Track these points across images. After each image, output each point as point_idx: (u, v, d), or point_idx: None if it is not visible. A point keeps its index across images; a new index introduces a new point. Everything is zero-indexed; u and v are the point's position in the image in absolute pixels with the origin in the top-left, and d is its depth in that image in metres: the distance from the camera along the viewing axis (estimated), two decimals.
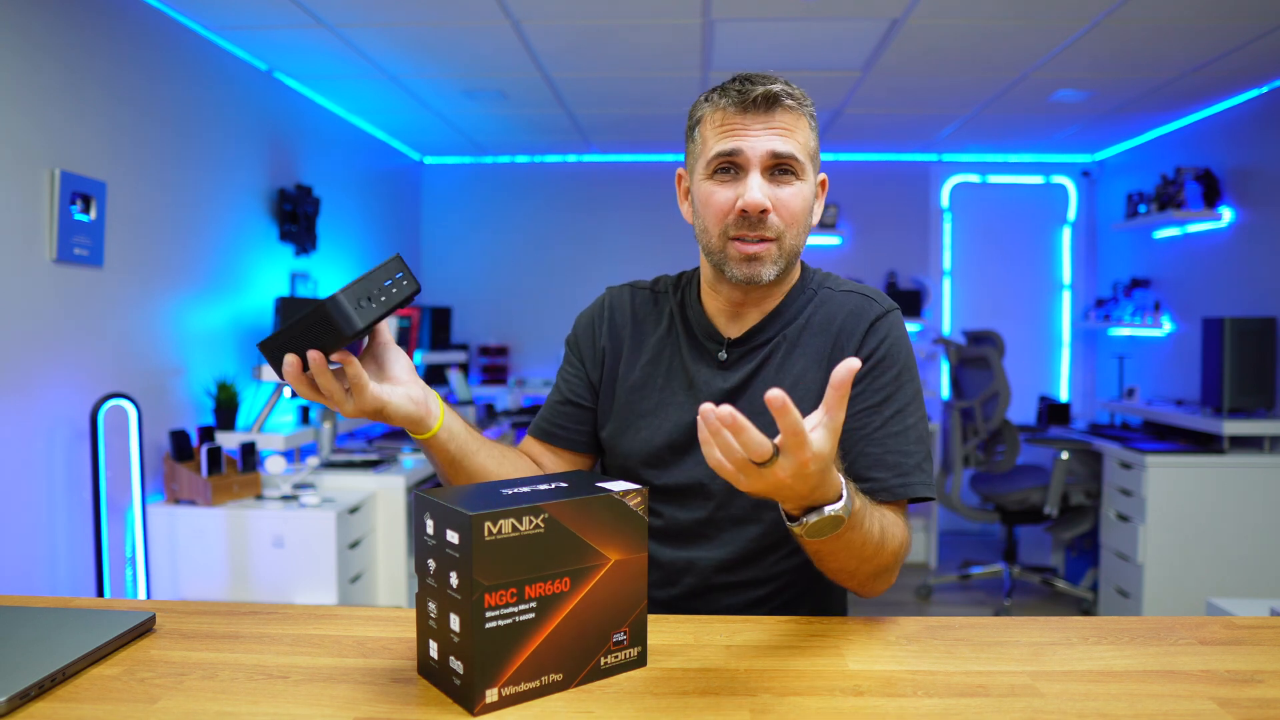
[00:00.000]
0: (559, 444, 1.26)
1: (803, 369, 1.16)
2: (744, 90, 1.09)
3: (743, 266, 1.11)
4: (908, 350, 1.16)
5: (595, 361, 1.26)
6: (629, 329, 1.25)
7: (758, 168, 1.09)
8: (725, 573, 1.17)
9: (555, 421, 1.26)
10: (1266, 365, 3.49)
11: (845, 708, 0.79)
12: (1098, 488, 3.91)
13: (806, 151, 1.12)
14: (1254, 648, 0.94)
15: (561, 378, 1.29)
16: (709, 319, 1.21)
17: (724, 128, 1.10)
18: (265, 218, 3.57)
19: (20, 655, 0.84)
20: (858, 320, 1.16)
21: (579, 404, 1.26)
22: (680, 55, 3.39)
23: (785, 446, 0.76)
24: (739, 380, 1.17)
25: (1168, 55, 3.31)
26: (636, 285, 1.29)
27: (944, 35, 3.13)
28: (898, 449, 1.10)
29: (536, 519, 0.79)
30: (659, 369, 1.22)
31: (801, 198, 1.12)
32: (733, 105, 1.10)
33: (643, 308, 1.26)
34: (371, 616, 1.03)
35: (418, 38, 3.21)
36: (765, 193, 1.08)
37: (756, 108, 1.09)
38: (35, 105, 2.33)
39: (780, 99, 1.09)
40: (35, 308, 2.35)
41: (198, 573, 2.84)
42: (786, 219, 1.11)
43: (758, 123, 1.09)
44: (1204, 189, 3.97)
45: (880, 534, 0.97)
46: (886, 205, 5.29)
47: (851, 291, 1.20)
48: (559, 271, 5.37)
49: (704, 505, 1.17)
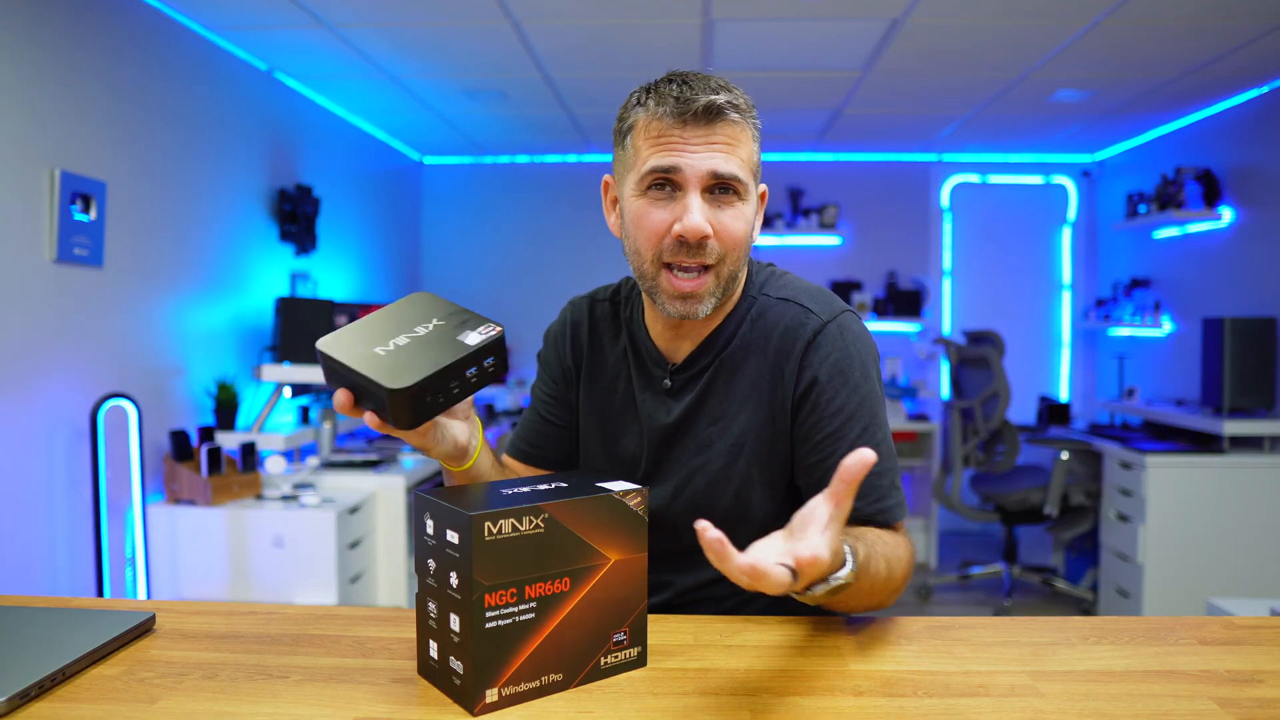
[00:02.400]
0: (537, 464, 1.23)
1: (743, 394, 1.09)
2: (683, 99, 0.98)
3: (676, 303, 1.02)
4: (861, 355, 1.06)
5: (567, 381, 1.22)
6: (587, 348, 1.20)
7: (697, 188, 0.98)
8: (704, 589, 1.14)
9: (532, 442, 1.22)
10: (1266, 365, 3.49)
11: (845, 708, 0.79)
12: (1098, 488, 3.91)
13: (749, 168, 1.01)
14: (1254, 648, 0.93)
15: (536, 396, 1.24)
16: (653, 342, 1.14)
17: (660, 140, 0.99)
18: (265, 218, 3.56)
19: (20, 655, 0.84)
20: (794, 338, 1.07)
21: (556, 424, 1.22)
22: (680, 55, 3.39)
23: (801, 569, 0.71)
24: (681, 412, 1.11)
25: (1168, 55, 3.31)
26: (597, 296, 1.23)
27: (944, 35, 3.13)
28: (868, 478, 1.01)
29: (536, 519, 0.79)
30: (615, 393, 1.17)
31: (744, 220, 1.02)
32: (670, 115, 0.98)
33: (602, 322, 1.20)
34: (371, 616, 1.03)
35: (418, 38, 3.21)
36: (705, 216, 0.99)
37: (697, 120, 0.98)
38: (35, 105, 2.33)
39: (724, 111, 0.98)
40: (35, 308, 2.35)
41: (198, 573, 2.84)
42: (727, 244, 1.01)
43: (697, 137, 0.98)
44: (1204, 189, 3.97)
45: (888, 570, 0.95)
46: (886, 205, 5.29)
47: (789, 300, 1.09)
48: (559, 271, 5.37)
49: (665, 538, 1.10)
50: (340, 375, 0.84)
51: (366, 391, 0.82)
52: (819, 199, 5.27)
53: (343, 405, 0.86)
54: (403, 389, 0.79)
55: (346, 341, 0.85)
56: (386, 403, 0.80)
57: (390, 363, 0.81)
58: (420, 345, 0.85)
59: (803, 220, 5.18)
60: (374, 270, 4.73)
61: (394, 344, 0.84)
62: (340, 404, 0.86)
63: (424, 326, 0.88)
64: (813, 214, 5.18)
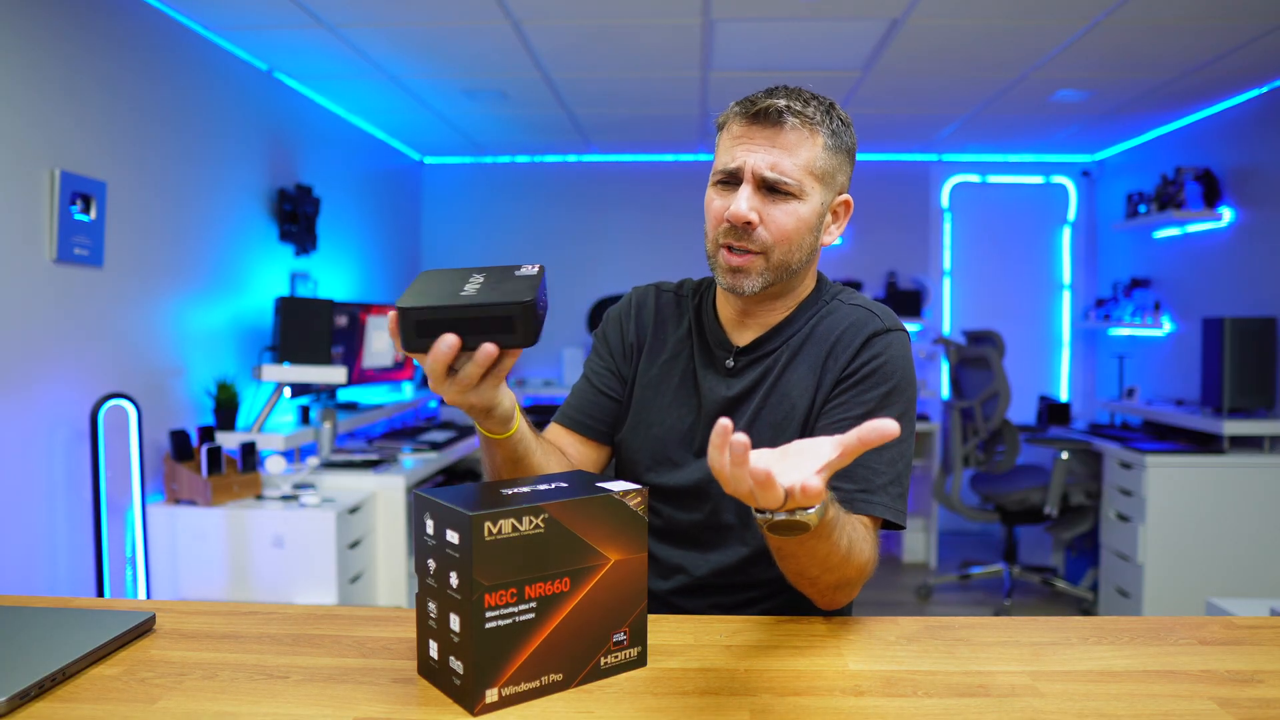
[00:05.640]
0: (587, 433, 1.27)
1: (799, 378, 1.17)
2: (755, 102, 1.10)
3: (727, 276, 1.13)
4: (904, 373, 1.14)
5: (625, 355, 1.28)
6: (652, 327, 1.28)
7: (751, 181, 1.09)
8: (717, 575, 1.19)
9: (586, 411, 1.27)
10: (1266, 365, 3.49)
11: (845, 708, 0.79)
12: (1098, 488, 3.91)
13: (809, 171, 1.10)
14: (1254, 648, 0.94)
15: (590, 369, 1.30)
16: (721, 326, 1.23)
17: (734, 139, 1.12)
18: (265, 218, 3.56)
19: (20, 655, 0.84)
20: (856, 332, 1.16)
21: (609, 395, 1.27)
22: (680, 55, 3.39)
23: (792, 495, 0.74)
24: (742, 389, 1.19)
25: (1168, 55, 3.31)
26: (662, 286, 1.31)
27: (944, 35, 3.13)
28: (867, 463, 1.06)
29: (536, 519, 0.79)
30: (674, 370, 1.24)
31: (796, 216, 1.11)
32: (744, 117, 1.11)
33: (666, 308, 1.29)
34: (371, 616, 1.03)
35: (418, 38, 3.21)
36: (753, 205, 1.09)
37: (761, 122, 1.09)
38: (35, 105, 2.33)
39: (783, 115, 1.08)
40: (35, 308, 2.35)
41: (198, 573, 2.84)
42: (775, 235, 1.10)
43: (762, 137, 1.09)
44: (1204, 189, 3.97)
45: (847, 548, 0.95)
46: (886, 205, 5.29)
47: (859, 306, 1.20)
48: (559, 272, 5.36)
49: (701, 508, 1.19)
50: (438, 324, 0.83)
51: (478, 325, 0.83)
52: None
53: (450, 347, 0.84)
54: (528, 301, 0.80)
55: (426, 295, 0.85)
56: (515, 321, 0.81)
57: (490, 293, 0.82)
58: (489, 286, 0.86)
59: None
60: (374, 270, 4.73)
61: (469, 287, 0.86)
62: (447, 347, 0.84)
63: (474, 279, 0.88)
64: None
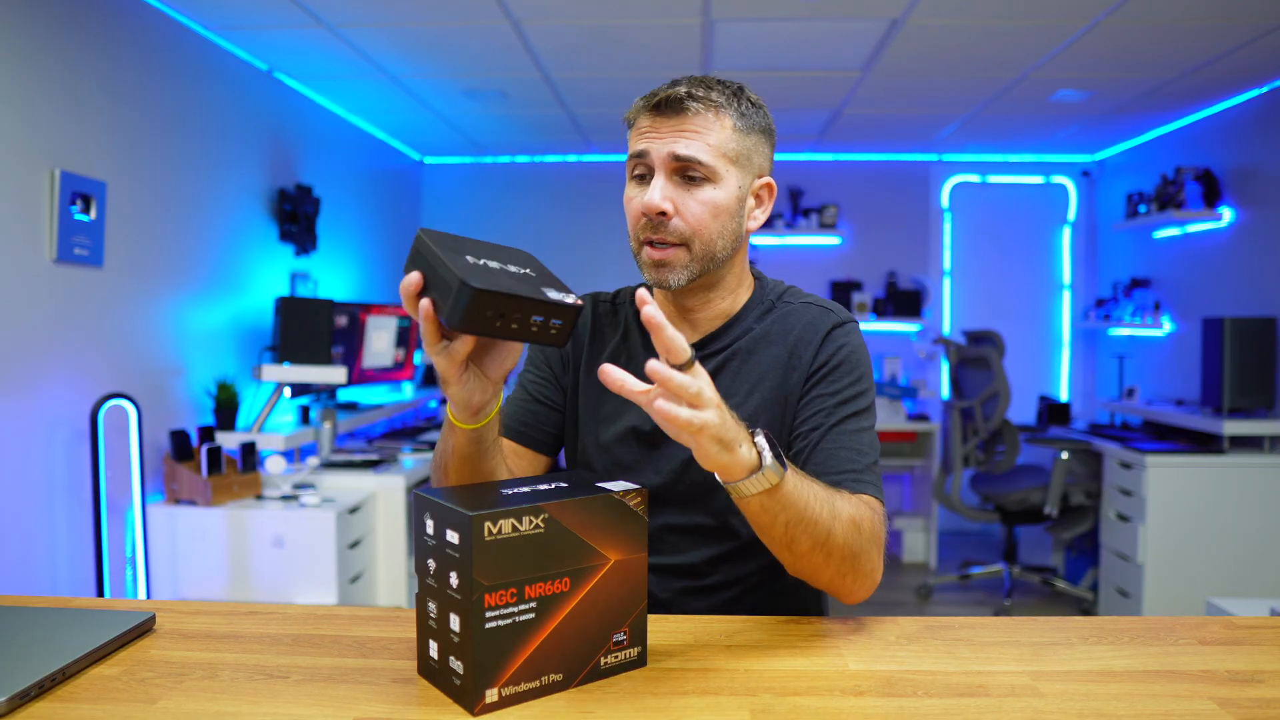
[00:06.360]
0: (528, 444, 1.24)
1: (759, 377, 1.16)
2: (658, 93, 1.09)
3: (652, 271, 1.11)
4: (865, 361, 1.16)
5: (562, 366, 1.26)
6: (587, 339, 1.25)
7: (663, 170, 1.08)
8: (688, 578, 1.17)
9: (525, 421, 1.24)
10: (1266, 365, 3.49)
11: (845, 708, 0.79)
12: (1098, 488, 3.91)
13: (720, 154, 1.08)
14: (1254, 648, 0.94)
15: (524, 380, 1.27)
16: None
17: (640, 132, 1.11)
18: (265, 218, 3.56)
19: (20, 655, 0.84)
20: (814, 329, 1.16)
21: (549, 405, 1.25)
22: (680, 55, 3.39)
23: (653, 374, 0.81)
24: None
25: (1168, 55, 3.31)
26: (598, 296, 1.29)
27: (944, 35, 3.13)
28: (850, 446, 1.09)
29: (536, 519, 0.79)
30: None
31: (713, 203, 1.09)
32: (648, 109, 1.09)
33: (603, 317, 1.26)
34: (371, 616, 1.03)
35: (418, 38, 3.21)
36: (666, 194, 1.07)
37: (665, 111, 1.08)
38: (35, 105, 2.33)
39: (684, 101, 1.07)
40: (35, 308, 2.35)
41: (198, 573, 2.84)
42: (692, 224, 1.08)
43: (667, 125, 1.08)
44: (1204, 189, 3.97)
45: (830, 515, 0.95)
46: (886, 205, 5.29)
47: (811, 303, 1.20)
48: (559, 271, 5.27)
49: (662, 511, 1.17)
50: (423, 261, 0.87)
51: (439, 282, 0.85)
52: (819, 199, 5.27)
53: (412, 283, 0.87)
54: (474, 288, 0.82)
55: (447, 242, 0.89)
56: (453, 296, 0.83)
57: (474, 268, 0.85)
58: (506, 274, 0.88)
59: (803, 220, 5.18)
60: (374, 270, 4.73)
61: (485, 262, 0.88)
62: (410, 283, 0.87)
63: (517, 267, 0.92)
64: (813, 214, 5.18)
